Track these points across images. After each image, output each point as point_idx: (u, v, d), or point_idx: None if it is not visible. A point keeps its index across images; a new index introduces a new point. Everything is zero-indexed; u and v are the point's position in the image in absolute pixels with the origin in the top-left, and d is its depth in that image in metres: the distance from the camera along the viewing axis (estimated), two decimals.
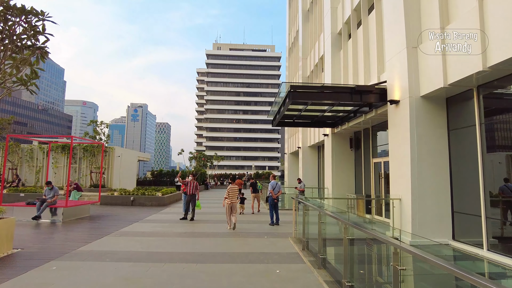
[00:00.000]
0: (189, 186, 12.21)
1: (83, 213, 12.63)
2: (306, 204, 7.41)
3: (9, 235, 7.09)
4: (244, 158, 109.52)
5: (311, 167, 22.93)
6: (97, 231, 9.77)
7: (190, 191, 12.19)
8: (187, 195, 12.30)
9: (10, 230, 7.10)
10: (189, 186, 12.22)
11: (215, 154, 45.94)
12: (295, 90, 10.15)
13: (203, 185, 35.25)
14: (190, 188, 12.20)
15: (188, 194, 12.22)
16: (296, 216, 9.47)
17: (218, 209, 16.38)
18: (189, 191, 12.20)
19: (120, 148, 25.14)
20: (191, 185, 12.24)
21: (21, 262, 6.31)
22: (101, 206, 16.86)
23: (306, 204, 7.44)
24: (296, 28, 28.20)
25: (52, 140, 29.23)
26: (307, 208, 7.43)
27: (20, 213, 11.41)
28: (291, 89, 9.97)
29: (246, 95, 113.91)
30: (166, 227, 10.69)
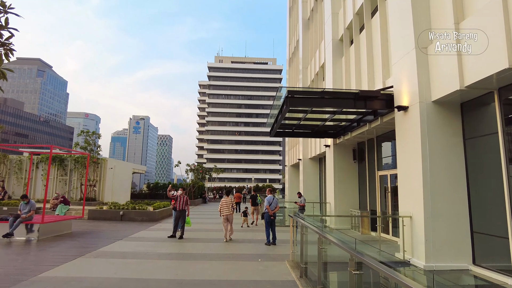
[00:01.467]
0: (178, 201, 11.20)
1: (63, 229, 11.61)
2: (304, 225, 6.42)
3: None
4: (245, 171, 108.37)
5: (312, 180, 21.90)
6: (73, 250, 8.76)
7: (180, 206, 11.18)
8: (176, 211, 11.25)
9: None
10: (178, 201, 11.21)
11: (214, 167, 44.96)
12: (293, 95, 9.27)
13: (200, 198, 34.18)
14: (180, 203, 11.20)
15: (178, 210, 11.18)
16: (294, 235, 8.45)
17: (212, 226, 15.36)
18: (178, 206, 11.18)
19: (113, 159, 24.26)
20: (181, 200, 11.25)
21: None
22: (88, 221, 15.87)
23: (304, 225, 6.45)
24: (296, 38, 27.63)
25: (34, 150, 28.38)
26: (305, 228, 6.43)
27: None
28: (288, 95, 9.09)
29: (248, 107, 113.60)
30: (151, 246, 9.67)
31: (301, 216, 7.44)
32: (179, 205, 11.13)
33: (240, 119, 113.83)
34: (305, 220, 6.63)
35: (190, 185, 31.16)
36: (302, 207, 15.02)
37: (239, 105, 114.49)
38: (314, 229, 5.49)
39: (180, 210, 11.15)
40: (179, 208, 11.13)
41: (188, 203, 11.40)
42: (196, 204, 30.30)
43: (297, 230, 8.14)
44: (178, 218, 11.11)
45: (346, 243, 4.40)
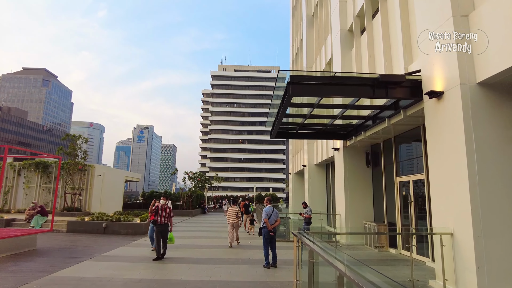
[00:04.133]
0: (160, 213, 9.19)
1: (23, 246, 9.77)
2: (315, 250, 4.54)
3: None
4: (248, 179, 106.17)
5: (319, 189, 19.96)
6: (14, 277, 6.92)
7: (161, 219, 9.16)
8: (156, 225, 9.23)
9: None
10: (160, 213, 9.20)
11: (215, 175, 43.10)
12: (296, 82, 7.46)
13: (199, 208, 32.23)
14: (161, 215, 9.19)
15: (158, 224, 9.14)
16: (299, 256, 6.56)
17: (205, 241, 13.46)
18: (159, 219, 9.15)
19: (102, 166, 22.56)
20: (162, 212, 9.23)
21: None
22: (65, 234, 14.08)
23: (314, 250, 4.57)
24: (300, 37, 26.01)
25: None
26: (315, 254, 4.56)
27: None
28: (291, 81, 7.29)
29: (251, 116, 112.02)
30: (121, 269, 7.80)
31: (308, 236, 5.54)
32: (161, 218, 9.13)
33: (244, 127, 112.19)
34: (316, 243, 4.74)
35: (187, 194, 29.29)
36: (308, 219, 13.10)
37: (243, 113, 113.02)
38: (328, 259, 3.60)
39: (162, 224, 9.17)
40: (161, 222, 9.13)
41: (171, 215, 9.45)
42: (193, 215, 28.38)
43: (303, 252, 6.28)
44: (159, 233, 9.07)
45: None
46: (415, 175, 9.84)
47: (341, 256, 4.03)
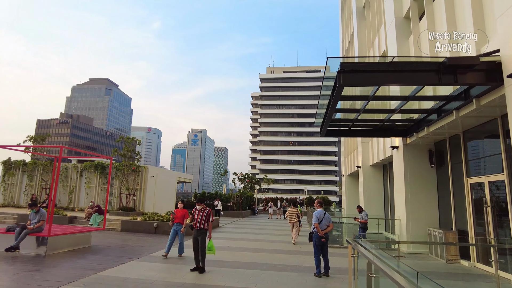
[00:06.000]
0: (196, 217, 8.07)
1: (80, 243, 10.14)
2: (374, 264, 3.81)
3: None
4: (299, 182, 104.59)
5: (375, 191, 18.57)
6: (68, 273, 7.02)
7: (196, 223, 7.97)
8: (192, 230, 8.10)
9: None
10: (196, 216, 8.08)
11: (265, 177, 42.84)
12: (348, 70, 6.70)
13: (249, 209, 32.11)
14: (197, 218, 7.99)
15: (194, 228, 7.98)
16: (354, 266, 5.81)
17: (254, 244, 13.01)
18: (195, 223, 8.00)
19: (154, 167, 23.34)
20: (198, 215, 8.04)
21: None
22: (119, 233, 14.55)
23: (373, 263, 3.84)
24: (351, 31, 24.69)
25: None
26: (373, 267, 3.83)
27: (5, 241, 9.23)
28: (342, 69, 6.56)
29: (300, 117, 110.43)
30: (165, 271, 7.64)
31: (366, 245, 4.78)
32: (196, 222, 8.00)
33: (293, 129, 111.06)
34: (375, 253, 4.00)
35: (237, 195, 29.31)
36: (364, 224, 12.05)
37: (292, 115, 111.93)
38: (403, 284, 2.87)
39: (197, 229, 7.91)
40: (195, 226, 7.93)
41: (210, 219, 8.06)
42: (243, 216, 28.28)
43: (359, 261, 5.52)
44: (196, 240, 7.88)
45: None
46: (491, 175, 8.45)
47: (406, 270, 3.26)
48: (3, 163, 23.25)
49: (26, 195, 22.25)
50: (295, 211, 14.14)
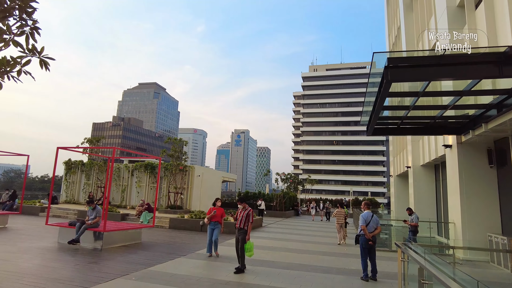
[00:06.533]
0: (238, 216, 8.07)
1: (131, 238, 10.73)
2: (426, 269, 3.60)
3: None
4: (344, 183, 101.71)
5: (426, 193, 17.52)
6: (121, 267, 7.47)
7: (237, 222, 7.97)
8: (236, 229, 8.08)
9: None
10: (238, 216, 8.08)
11: (308, 177, 42.29)
12: (396, 65, 6.38)
13: (292, 210, 31.90)
14: (238, 218, 8.01)
15: (236, 228, 8.01)
16: (404, 271, 5.54)
17: (298, 244, 12.89)
18: (237, 223, 7.99)
19: (200, 167, 24.01)
20: (239, 215, 8.03)
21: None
22: (168, 230, 15.19)
23: (425, 269, 3.63)
24: (397, 24, 23.54)
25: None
26: (427, 274, 3.61)
27: (67, 234, 10.08)
28: (389, 64, 6.27)
29: (345, 115, 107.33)
30: (211, 269, 7.85)
31: (417, 249, 4.53)
32: (237, 221, 8.05)
33: (337, 128, 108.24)
34: (428, 258, 3.76)
35: (280, 195, 29.25)
36: (414, 227, 11.42)
37: (336, 113, 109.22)
38: None
39: (238, 228, 7.91)
40: (237, 225, 7.97)
41: (249, 219, 7.91)
42: (286, 216, 28.15)
43: (409, 266, 5.24)
44: (237, 241, 7.91)
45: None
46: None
47: (464, 278, 3.03)
48: (65, 163, 25.38)
49: (84, 192, 24.05)
50: (343, 212, 14.14)
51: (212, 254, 9.29)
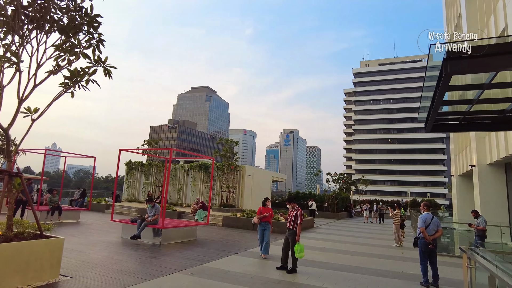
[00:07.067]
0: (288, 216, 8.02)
1: (187, 236, 11.25)
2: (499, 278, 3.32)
3: (54, 259, 5.80)
4: (400, 183, 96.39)
5: (495, 194, 16.00)
6: (178, 262, 7.88)
7: (288, 223, 7.88)
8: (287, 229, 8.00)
9: (55, 253, 5.82)
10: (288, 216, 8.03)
11: (361, 178, 40.83)
12: (456, 56, 5.93)
13: (345, 211, 31.03)
14: (288, 219, 7.90)
15: (287, 228, 7.94)
16: (471, 278, 5.15)
17: (352, 246, 12.56)
18: (287, 223, 7.94)
19: (251, 167, 24.42)
20: (290, 215, 7.91)
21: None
22: (221, 228, 15.65)
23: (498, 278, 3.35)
24: (457, 12, 21.79)
25: None
26: (499, 284, 3.32)
27: (129, 230, 10.87)
28: (448, 55, 5.85)
29: (400, 112, 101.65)
30: (263, 267, 7.94)
31: (486, 256, 4.20)
32: (287, 222, 7.99)
33: (392, 125, 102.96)
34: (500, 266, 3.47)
35: (332, 196, 28.61)
36: (482, 232, 10.51)
37: (391, 110, 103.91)
38: None
39: (288, 228, 7.86)
40: (287, 225, 7.91)
41: (298, 220, 7.67)
42: (339, 218, 27.45)
43: (476, 273, 4.86)
44: (287, 241, 7.81)
45: None
46: None
47: None
48: (126, 164, 27.36)
49: (144, 191, 25.70)
50: (399, 213, 14.00)
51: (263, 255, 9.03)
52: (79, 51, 6.25)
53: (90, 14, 5.99)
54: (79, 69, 6.17)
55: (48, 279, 5.64)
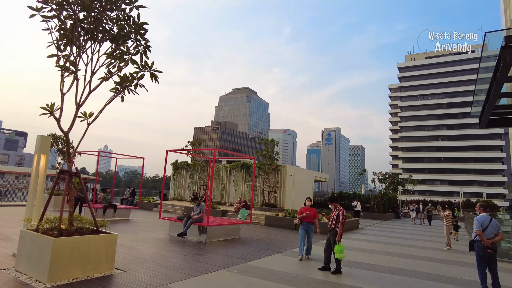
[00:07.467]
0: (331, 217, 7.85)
1: (231, 234, 11.47)
2: None
3: (109, 253, 6.20)
4: (451, 183, 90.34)
5: None
6: (222, 259, 8.06)
7: (330, 223, 7.75)
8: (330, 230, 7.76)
9: (110, 248, 6.23)
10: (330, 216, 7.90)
11: (409, 177, 38.92)
12: None
13: (392, 212, 29.76)
14: (330, 219, 7.79)
15: (329, 228, 7.73)
16: None
17: (399, 248, 12.05)
18: (329, 223, 7.80)
19: (292, 166, 24.31)
20: (332, 215, 7.78)
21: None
22: (263, 227, 15.77)
23: None
24: None
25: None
26: None
27: (176, 227, 11.31)
28: (507, 43, 5.41)
29: (450, 107, 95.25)
30: (307, 267, 7.87)
31: None
32: (329, 223, 7.84)
33: (442, 121, 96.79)
34: None
35: (378, 196, 27.58)
36: None
37: (440, 105, 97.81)
38: None
39: (330, 228, 7.68)
40: (329, 225, 7.76)
41: (340, 220, 7.48)
42: (385, 219, 26.39)
43: None
44: (329, 240, 7.67)
45: None
46: None
47: None
48: (172, 164, 28.54)
49: (189, 190, 26.61)
50: (451, 214, 13.47)
51: (303, 257, 8.73)
52: (128, 57, 6.64)
53: (137, 22, 6.34)
54: (128, 74, 6.57)
55: (104, 272, 6.04)
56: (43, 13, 5.85)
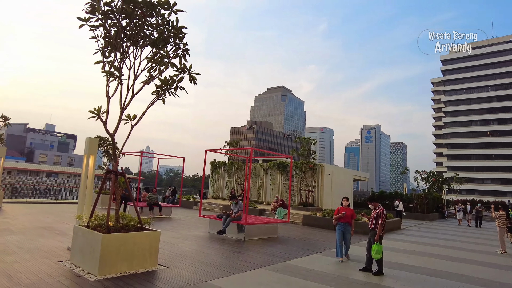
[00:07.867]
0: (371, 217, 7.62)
1: (269, 232, 11.51)
2: None
3: (153, 249, 6.48)
4: (504, 181, 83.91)
5: None
6: (261, 258, 8.11)
7: (370, 223, 7.57)
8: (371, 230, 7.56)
9: (153, 245, 6.50)
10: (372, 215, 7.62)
11: (455, 176, 36.71)
12: None
13: (437, 212, 28.25)
14: (370, 219, 7.59)
15: (369, 228, 7.56)
16: None
17: (445, 250, 11.45)
18: (369, 223, 7.63)
19: (330, 165, 23.88)
20: (372, 215, 7.57)
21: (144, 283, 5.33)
22: (301, 226, 15.71)
23: None
24: None
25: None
26: None
27: (215, 225, 11.56)
28: None
29: (501, 100, 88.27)
30: (347, 268, 7.67)
31: None
32: (369, 222, 7.62)
33: (492, 115, 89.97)
34: None
35: (421, 195, 26.29)
36: None
37: (490, 99, 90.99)
38: None
39: (370, 229, 7.53)
40: (369, 226, 7.62)
41: (379, 220, 7.26)
42: (429, 219, 25.11)
43: None
44: (369, 240, 7.45)
45: None
46: None
47: None
48: (211, 164, 29.20)
49: (227, 189, 27.08)
50: (504, 215, 12.23)
51: (343, 258, 8.38)
52: (167, 61, 6.89)
53: (176, 26, 6.55)
54: (168, 77, 6.81)
55: (148, 267, 6.32)
56: (90, 23, 6.23)
